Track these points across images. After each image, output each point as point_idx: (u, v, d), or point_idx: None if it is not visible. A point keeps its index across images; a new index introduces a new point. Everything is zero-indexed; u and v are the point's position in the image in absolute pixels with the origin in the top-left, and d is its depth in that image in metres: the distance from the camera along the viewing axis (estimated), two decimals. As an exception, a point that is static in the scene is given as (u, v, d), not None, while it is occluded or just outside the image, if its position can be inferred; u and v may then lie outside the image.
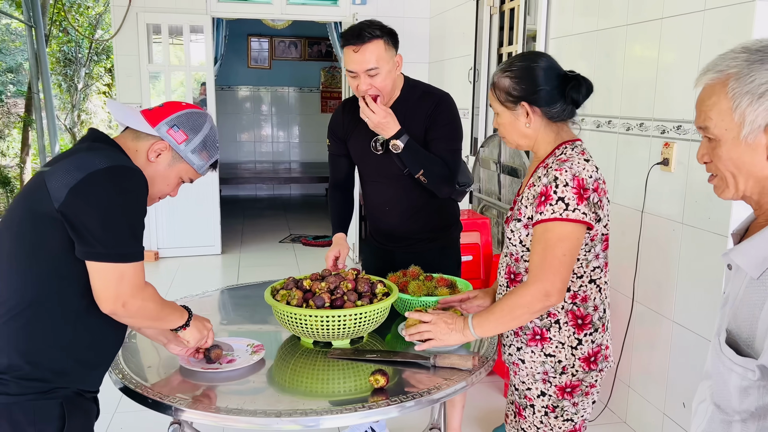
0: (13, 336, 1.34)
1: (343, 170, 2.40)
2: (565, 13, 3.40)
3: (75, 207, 1.30)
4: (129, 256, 1.35)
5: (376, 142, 2.23)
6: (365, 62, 2.05)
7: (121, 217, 1.34)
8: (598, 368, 1.60)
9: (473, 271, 3.47)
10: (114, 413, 2.96)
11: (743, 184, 1.00)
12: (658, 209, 2.66)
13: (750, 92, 0.94)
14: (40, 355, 1.35)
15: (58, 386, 1.38)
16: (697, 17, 2.40)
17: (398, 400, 1.48)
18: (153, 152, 1.49)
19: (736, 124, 0.96)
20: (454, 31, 5.08)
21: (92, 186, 1.31)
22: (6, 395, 1.33)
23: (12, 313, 1.34)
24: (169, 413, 1.45)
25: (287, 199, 9.16)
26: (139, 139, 1.49)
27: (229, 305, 2.30)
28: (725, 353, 0.97)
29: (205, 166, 1.58)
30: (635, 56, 2.81)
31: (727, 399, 0.99)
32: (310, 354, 1.75)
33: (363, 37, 2.04)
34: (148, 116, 1.50)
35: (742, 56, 0.96)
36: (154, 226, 5.69)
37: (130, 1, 5.28)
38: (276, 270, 5.29)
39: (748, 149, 0.97)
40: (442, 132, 2.19)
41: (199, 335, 1.61)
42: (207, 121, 1.57)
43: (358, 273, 1.93)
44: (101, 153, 1.37)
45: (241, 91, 9.04)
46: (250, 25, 8.20)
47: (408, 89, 2.24)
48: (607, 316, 1.63)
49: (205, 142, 1.55)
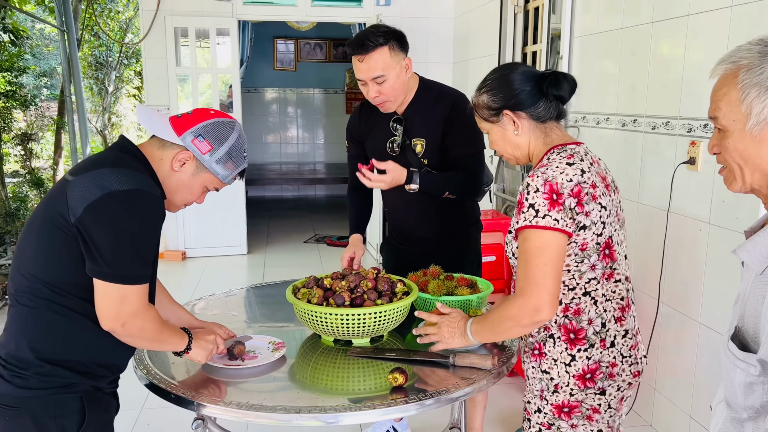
0: (33, 333, 1.38)
1: None
2: (590, 12, 3.37)
3: (88, 224, 1.33)
4: (132, 278, 1.36)
5: (393, 143, 2.24)
6: (371, 71, 2.07)
7: (130, 241, 1.36)
8: (596, 387, 1.50)
9: (496, 271, 3.46)
10: (141, 410, 3.02)
11: (749, 176, 1.00)
12: (685, 209, 2.62)
13: (759, 84, 0.94)
14: (59, 354, 1.39)
15: (76, 381, 1.41)
16: (725, 13, 2.36)
17: (417, 398, 1.48)
18: (177, 161, 1.49)
19: (744, 116, 0.96)
20: (479, 30, 5.06)
21: (107, 207, 1.33)
22: (27, 389, 1.37)
23: (32, 313, 1.38)
24: (192, 408, 1.47)
25: (312, 200, 9.22)
26: (164, 148, 1.50)
27: (252, 304, 2.33)
28: (730, 349, 0.98)
29: (230, 176, 1.57)
30: (661, 54, 2.77)
31: (734, 396, 0.99)
32: (331, 352, 1.76)
33: (366, 46, 2.05)
34: (176, 124, 1.51)
35: (756, 48, 0.96)
36: (181, 227, 5.79)
37: (158, 5, 5.37)
38: (300, 270, 5.33)
39: (753, 141, 0.97)
40: (461, 136, 2.19)
41: (205, 352, 1.61)
42: (234, 131, 1.55)
43: (378, 272, 1.94)
44: (123, 173, 1.38)
45: (267, 92, 9.13)
46: (276, 28, 8.27)
47: (423, 90, 2.24)
48: (611, 331, 1.51)
49: (230, 153, 1.53)
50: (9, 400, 1.37)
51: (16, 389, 1.37)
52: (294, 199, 9.30)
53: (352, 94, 9.18)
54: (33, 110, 8.38)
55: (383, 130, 2.25)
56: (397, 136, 2.23)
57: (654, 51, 2.82)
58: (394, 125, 2.24)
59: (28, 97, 7.61)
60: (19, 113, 8.09)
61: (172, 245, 5.81)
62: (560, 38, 3.58)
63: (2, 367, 1.39)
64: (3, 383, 1.38)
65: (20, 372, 1.37)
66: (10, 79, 7.25)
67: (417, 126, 2.21)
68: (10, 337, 1.41)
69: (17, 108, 7.46)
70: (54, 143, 8.24)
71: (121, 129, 10.02)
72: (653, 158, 2.85)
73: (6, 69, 7.02)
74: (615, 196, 1.54)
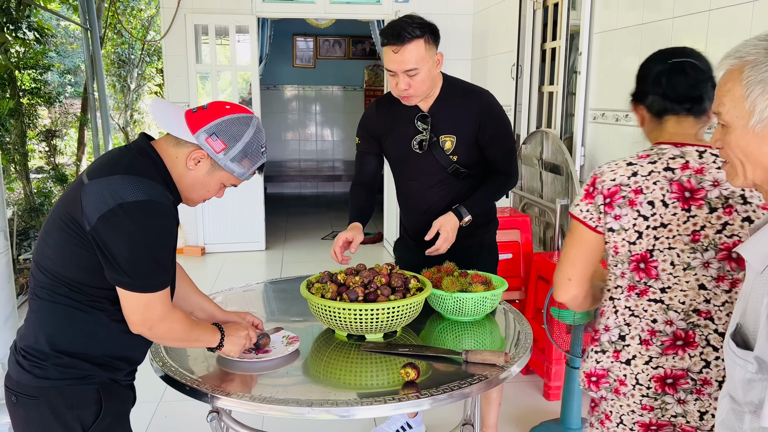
0: (52, 327, 1.41)
1: (371, 168, 2.38)
2: (609, 8, 3.33)
3: (103, 235, 1.34)
4: (153, 286, 1.38)
5: (417, 141, 2.22)
6: (405, 63, 2.03)
7: (146, 252, 1.36)
8: (599, 393, 1.47)
9: (513, 269, 3.44)
10: (159, 402, 3.06)
11: (751, 172, 0.99)
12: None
13: (763, 81, 0.93)
14: (76, 347, 1.42)
15: (94, 373, 1.44)
16: (747, 8, 2.32)
17: (429, 394, 1.48)
18: (192, 160, 1.47)
19: (747, 112, 0.95)
20: (498, 27, 5.03)
21: (120, 218, 1.33)
22: (47, 379, 1.40)
23: (51, 307, 1.41)
24: (206, 401, 1.49)
25: (330, 197, 9.25)
26: (179, 146, 1.48)
27: (268, 298, 2.36)
28: (729, 346, 0.97)
29: (247, 173, 1.54)
30: (681, 50, 2.73)
31: (735, 391, 0.99)
32: (344, 347, 1.77)
33: (403, 37, 2.00)
34: (191, 120, 1.47)
35: (763, 44, 0.95)
36: (201, 223, 5.85)
37: (179, 3, 5.42)
38: (318, 266, 5.31)
39: (755, 138, 0.96)
40: (495, 136, 2.19)
41: (238, 348, 1.63)
42: (250, 126, 1.50)
43: (392, 268, 1.94)
44: (136, 182, 1.37)
45: (286, 90, 9.18)
46: (296, 25, 8.30)
47: (448, 86, 2.22)
48: (631, 348, 1.41)
49: (246, 151, 1.49)
50: (28, 390, 1.41)
51: (35, 379, 1.40)
52: (312, 196, 9.34)
53: (371, 92, 9.18)
54: (57, 107, 8.51)
55: (406, 128, 2.23)
56: (422, 133, 2.21)
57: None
58: (419, 123, 2.21)
59: (53, 94, 7.74)
60: (44, 110, 8.23)
61: (191, 240, 5.87)
62: (579, 35, 3.56)
63: (22, 357, 1.42)
64: (23, 373, 1.41)
65: (40, 362, 1.41)
66: (35, 77, 7.38)
67: (445, 123, 2.19)
68: (29, 329, 1.44)
69: (42, 105, 7.59)
70: (77, 140, 8.37)
71: (143, 126, 10.14)
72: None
73: (31, 66, 7.14)
74: (701, 213, 1.33)
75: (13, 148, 6.42)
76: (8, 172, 6.17)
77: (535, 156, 3.85)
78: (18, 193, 6.61)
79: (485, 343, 1.89)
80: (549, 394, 3.14)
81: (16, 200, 6.57)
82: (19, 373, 1.42)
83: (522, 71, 4.43)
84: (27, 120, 7.02)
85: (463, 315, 1.94)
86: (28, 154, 6.89)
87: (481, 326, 1.96)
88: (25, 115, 6.79)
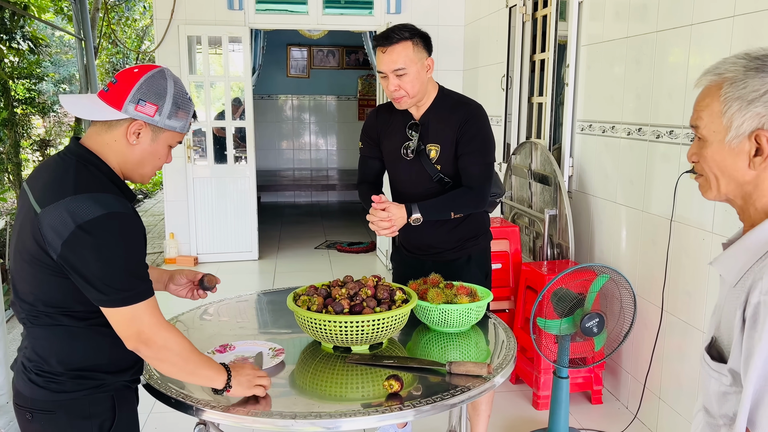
0: (58, 349, 1.42)
1: (373, 172, 2.44)
2: (596, 20, 3.38)
3: (71, 259, 1.33)
4: (132, 298, 1.36)
5: (407, 148, 2.27)
6: (392, 62, 2.11)
7: (116, 265, 1.34)
8: None
9: (502, 279, 3.47)
10: (150, 414, 3.07)
11: (725, 186, 1.02)
12: (688, 218, 2.62)
13: (740, 98, 0.96)
14: (88, 361, 1.44)
15: (108, 381, 1.46)
16: (727, 23, 2.37)
17: (411, 405, 1.51)
18: (132, 135, 1.43)
19: (724, 128, 0.98)
20: (488, 38, 5.08)
21: (83, 239, 1.31)
22: (64, 392, 1.42)
23: (51, 331, 1.42)
24: (191, 413, 1.51)
25: (325, 206, 9.27)
26: (111, 128, 1.43)
27: (261, 309, 2.37)
28: (704, 359, 0.99)
29: (186, 124, 1.51)
30: (665, 63, 2.78)
31: (710, 404, 1.01)
32: (330, 359, 1.79)
33: (391, 38, 2.11)
34: (110, 99, 1.42)
35: (741, 62, 0.98)
36: (194, 232, 5.86)
37: (172, 14, 5.46)
38: (311, 276, 5.37)
39: (731, 153, 0.99)
40: (473, 146, 2.21)
41: (248, 388, 1.53)
42: (168, 78, 1.46)
43: (378, 280, 1.97)
44: (88, 199, 1.34)
45: (280, 99, 9.22)
46: (289, 35, 8.35)
47: (441, 97, 2.28)
48: None
49: (176, 102, 1.46)
50: (45, 405, 1.42)
51: (52, 394, 1.41)
52: (307, 205, 9.36)
53: (364, 101, 9.24)
54: (51, 117, 8.52)
55: (399, 134, 2.30)
56: (412, 140, 2.26)
57: (658, 60, 2.83)
58: (409, 131, 2.27)
59: (47, 104, 7.75)
60: (38, 120, 8.24)
61: (184, 250, 5.88)
62: (566, 47, 3.60)
63: (36, 375, 1.43)
64: (38, 389, 1.42)
65: (55, 377, 1.42)
66: (30, 87, 7.40)
67: (432, 132, 2.25)
68: (36, 354, 1.43)
69: (36, 114, 7.60)
70: (71, 149, 8.37)
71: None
72: (658, 167, 2.85)
73: (25, 76, 7.17)
74: None
75: (7, 157, 6.43)
76: (2, 181, 6.18)
77: (525, 166, 3.89)
78: (11, 202, 6.61)
79: (470, 354, 1.91)
80: (538, 403, 3.16)
81: (9, 210, 6.57)
82: (34, 390, 1.42)
83: (512, 82, 4.48)
84: (21, 130, 7.03)
85: (449, 326, 1.97)
86: (22, 164, 6.90)
87: (467, 337, 1.98)
88: (18, 124, 6.81)
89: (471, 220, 2.36)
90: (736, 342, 0.95)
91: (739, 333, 0.94)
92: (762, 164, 0.97)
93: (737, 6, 2.32)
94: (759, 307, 0.90)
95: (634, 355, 3.06)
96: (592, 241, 3.43)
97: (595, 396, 3.21)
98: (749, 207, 1.02)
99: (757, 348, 0.89)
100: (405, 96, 2.18)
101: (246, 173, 5.94)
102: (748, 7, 2.26)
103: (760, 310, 0.90)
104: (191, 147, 5.76)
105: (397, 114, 2.30)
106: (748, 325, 0.91)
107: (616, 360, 3.22)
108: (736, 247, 1.01)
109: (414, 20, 5.53)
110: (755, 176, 0.99)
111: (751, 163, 0.98)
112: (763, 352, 0.88)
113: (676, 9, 2.69)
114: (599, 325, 2.51)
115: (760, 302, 0.90)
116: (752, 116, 0.95)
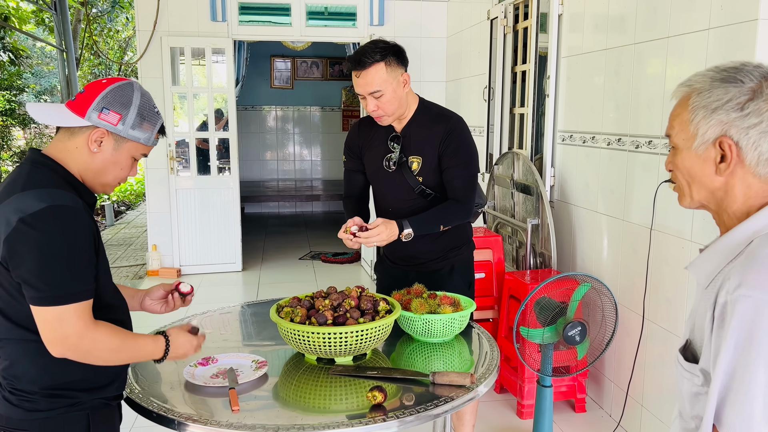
0: (29, 368, 1.39)
1: (358, 186, 2.45)
2: (575, 32, 3.43)
3: (11, 255, 1.29)
4: (65, 298, 1.30)
5: (389, 160, 2.29)
6: (368, 86, 2.13)
7: (54, 259, 1.29)
8: None
9: (485, 288, 3.49)
10: (131, 428, 3.03)
11: (696, 193, 1.06)
12: (667, 226, 2.66)
13: (705, 107, 1.00)
14: (60, 378, 1.40)
15: (83, 399, 1.43)
16: (702, 36, 2.42)
17: (395, 416, 1.51)
18: (93, 143, 1.41)
19: (692, 135, 1.03)
20: (470, 50, 5.13)
21: (23, 231, 1.28)
22: (37, 411, 1.39)
23: (20, 349, 1.39)
24: (173, 427, 1.50)
25: (309, 216, 9.26)
26: (74, 135, 1.42)
27: (245, 321, 2.36)
28: (678, 360, 1.02)
29: (152, 137, 1.49)
30: (643, 74, 2.83)
31: (683, 405, 1.04)
32: (313, 370, 1.79)
33: (363, 63, 2.11)
34: (74, 107, 1.41)
35: (710, 74, 1.03)
36: (176, 244, 5.82)
37: (155, 25, 5.45)
38: (295, 287, 5.35)
39: (699, 160, 1.03)
40: (456, 159, 2.24)
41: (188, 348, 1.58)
42: (135, 90, 1.46)
43: (362, 291, 1.97)
44: (34, 194, 1.32)
45: (264, 110, 9.22)
46: (273, 47, 8.37)
47: (422, 110, 2.30)
48: None
49: (142, 113, 1.45)
50: (19, 424, 1.39)
51: (26, 413, 1.39)
52: (291, 216, 9.34)
53: (348, 112, 9.27)
54: (32, 128, 8.44)
55: (381, 146, 2.31)
56: (393, 153, 2.28)
57: (637, 71, 2.88)
58: (391, 143, 2.29)
59: (27, 116, 7.68)
60: (19, 131, 8.16)
61: (167, 262, 5.84)
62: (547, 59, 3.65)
63: (9, 393, 1.40)
64: (12, 408, 1.39)
65: (28, 396, 1.39)
66: (10, 98, 7.33)
67: (414, 144, 2.27)
68: (10, 372, 1.41)
69: (16, 126, 7.53)
70: (52, 161, 8.30)
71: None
72: (637, 176, 2.89)
73: (5, 88, 7.10)
74: None
75: (-14, 170, 6.35)
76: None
77: (507, 176, 3.92)
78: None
79: (454, 363, 1.92)
80: (522, 412, 3.17)
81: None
82: (8, 408, 1.40)
83: (494, 93, 4.52)
84: (1, 141, 6.96)
85: (432, 336, 1.98)
86: (1, 176, 6.82)
87: (450, 347, 1.99)
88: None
89: (454, 230, 2.38)
90: (706, 342, 0.98)
91: (709, 333, 0.97)
92: (727, 170, 1.01)
93: (712, 19, 2.37)
94: (726, 306, 0.93)
95: (617, 363, 3.09)
96: (574, 250, 3.46)
97: (579, 404, 3.23)
98: (722, 213, 1.05)
99: (724, 346, 0.91)
100: (384, 115, 2.20)
101: (230, 184, 5.92)
102: (723, 20, 2.31)
103: (727, 309, 0.92)
104: (174, 158, 5.73)
105: (379, 127, 2.32)
106: (716, 324, 0.94)
107: (598, 368, 3.25)
108: (709, 250, 1.04)
109: (397, 32, 5.60)
110: (724, 183, 1.02)
111: (717, 170, 1.01)
112: (730, 349, 0.90)
113: (653, 22, 2.74)
114: (582, 333, 2.53)
115: (726, 301, 0.93)
116: (716, 123, 0.99)
